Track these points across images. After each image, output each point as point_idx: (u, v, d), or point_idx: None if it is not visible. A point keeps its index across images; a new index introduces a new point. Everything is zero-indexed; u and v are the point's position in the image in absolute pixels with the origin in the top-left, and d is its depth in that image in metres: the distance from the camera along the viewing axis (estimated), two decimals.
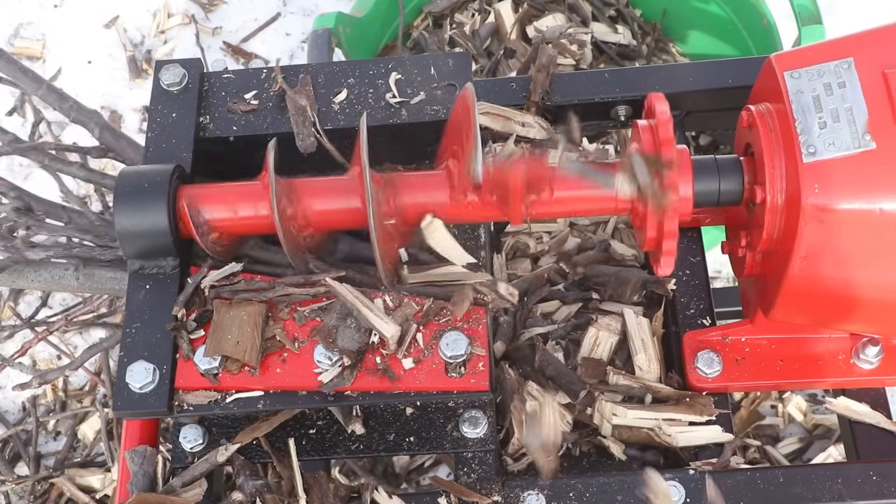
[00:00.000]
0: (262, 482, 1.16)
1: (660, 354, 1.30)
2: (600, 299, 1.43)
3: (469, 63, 1.27)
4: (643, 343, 1.30)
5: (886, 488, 1.13)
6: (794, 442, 2.25)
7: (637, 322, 1.33)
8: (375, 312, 1.07)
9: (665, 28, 2.52)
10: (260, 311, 1.11)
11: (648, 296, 1.40)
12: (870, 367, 1.20)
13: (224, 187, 1.14)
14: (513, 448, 1.28)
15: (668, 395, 1.24)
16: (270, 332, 1.10)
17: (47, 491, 2.28)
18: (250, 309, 1.11)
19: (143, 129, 2.60)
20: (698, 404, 1.21)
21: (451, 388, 1.10)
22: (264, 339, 1.10)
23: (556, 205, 1.10)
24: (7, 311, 2.55)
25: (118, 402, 1.08)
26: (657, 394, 1.25)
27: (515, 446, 1.28)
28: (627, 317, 1.34)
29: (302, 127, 1.22)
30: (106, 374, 2.37)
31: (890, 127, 0.99)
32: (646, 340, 1.31)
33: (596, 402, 1.27)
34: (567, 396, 1.27)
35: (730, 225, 1.26)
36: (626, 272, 1.41)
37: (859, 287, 1.07)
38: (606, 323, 1.35)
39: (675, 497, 1.13)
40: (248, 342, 1.08)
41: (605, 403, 1.25)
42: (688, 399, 1.22)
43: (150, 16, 3.08)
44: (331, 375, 1.08)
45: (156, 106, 1.26)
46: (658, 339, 1.32)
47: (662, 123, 1.05)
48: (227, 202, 1.11)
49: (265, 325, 1.10)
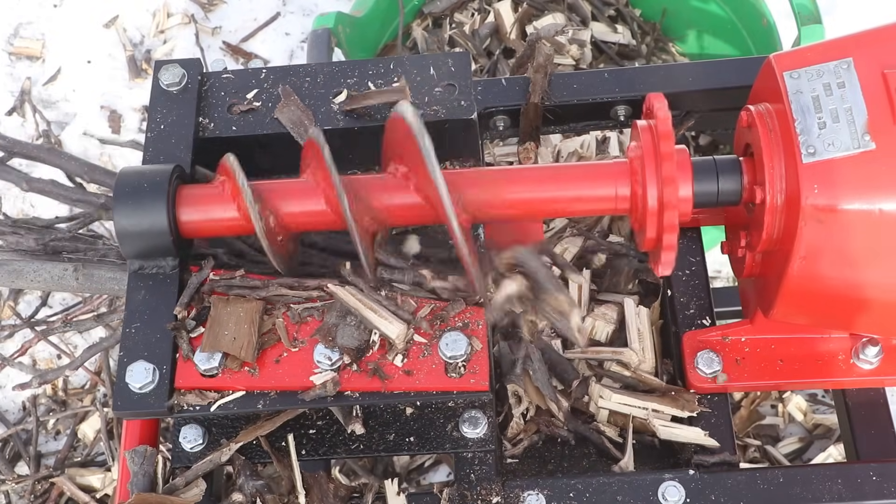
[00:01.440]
0: (262, 482, 1.16)
1: (657, 345, 1.31)
2: (597, 290, 1.44)
3: (469, 63, 1.27)
4: (640, 333, 1.31)
5: (886, 488, 1.13)
6: (794, 442, 2.25)
7: (636, 312, 1.34)
8: (379, 314, 1.08)
9: (665, 28, 2.52)
10: (257, 307, 1.11)
11: (644, 286, 1.40)
12: (870, 367, 1.20)
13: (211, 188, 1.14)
14: (512, 432, 1.29)
15: (654, 387, 1.25)
16: (266, 327, 1.11)
17: (47, 490, 2.28)
18: (247, 305, 1.11)
19: (143, 129, 2.60)
20: (682, 399, 1.22)
21: (451, 388, 1.10)
22: (261, 334, 1.10)
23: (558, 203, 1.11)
24: (7, 310, 2.55)
25: (118, 402, 1.08)
26: (644, 382, 1.26)
27: (514, 430, 1.29)
28: (627, 306, 1.35)
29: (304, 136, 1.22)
30: (106, 374, 2.37)
31: (889, 127, 1.00)
32: (643, 331, 1.32)
33: (589, 387, 1.29)
34: (561, 384, 1.28)
35: (729, 225, 1.26)
36: (619, 262, 1.42)
37: (859, 287, 1.07)
38: (602, 312, 1.36)
39: (676, 497, 1.13)
40: (244, 339, 1.09)
41: (594, 385, 1.27)
42: (672, 393, 1.23)
43: (149, 16, 3.08)
44: (323, 378, 1.08)
45: (155, 106, 1.26)
46: (656, 329, 1.32)
47: (661, 120, 1.05)
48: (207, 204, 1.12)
49: (261, 321, 1.10)
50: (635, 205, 1.10)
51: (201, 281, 1.13)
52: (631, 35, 2.47)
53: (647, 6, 2.54)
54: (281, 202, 1.10)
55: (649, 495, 1.13)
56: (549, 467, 1.29)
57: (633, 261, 1.41)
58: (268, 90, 1.27)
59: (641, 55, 2.45)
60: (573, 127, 1.43)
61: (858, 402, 1.24)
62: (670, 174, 1.03)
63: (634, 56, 2.45)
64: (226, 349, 1.08)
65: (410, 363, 1.09)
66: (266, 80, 1.28)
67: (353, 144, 1.26)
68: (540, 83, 1.35)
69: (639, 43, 2.47)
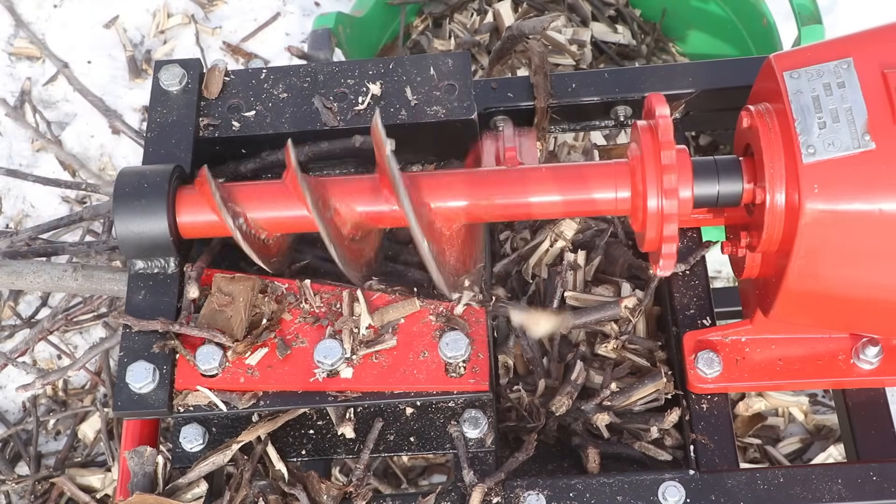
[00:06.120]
0: (265, 482, 1.16)
1: (650, 331, 1.34)
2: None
3: (468, 63, 1.27)
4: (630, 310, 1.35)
5: (886, 488, 1.13)
6: (794, 442, 2.25)
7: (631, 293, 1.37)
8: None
9: (665, 28, 2.52)
10: (254, 284, 1.13)
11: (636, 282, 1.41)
12: (870, 367, 1.20)
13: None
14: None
15: (636, 364, 1.30)
16: (260, 306, 1.12)
17: (48, 490, 2.28)
18: (246, 283, 1.12)
19: (143, 129, 2.60)
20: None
21: (451, 388, 1.10)
22: (253, 313, 1.11)
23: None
24: (7, 311, 2.55)
25: (118, 402, 1.08)
26: (624, 358, 1.32)
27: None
28: (623, 290, 1.37)
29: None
30: (106, 374, 2.37)
31: (889, 127, 0.99)
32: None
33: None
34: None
35: (729, 225, 1.26)
36: (615, 250, 1.42)
37: (859, 287, 1.07)
38: (598, 292, 1.39)
39: (676, 497, 1.13)
40: (238, 317, 1.10)
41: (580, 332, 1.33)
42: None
43: (149, 16, 3.08)
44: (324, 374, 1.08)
45: (155, 106, 1.26)
46: (653, 318, 1.35)
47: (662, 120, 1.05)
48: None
49: (255, 298, 1.13)
50: (635, 207, 1.10)
51: (197, 278, 1.14)
52: (631, 35, 2.47)
53: (647, 6, 2.54)
54: (249, 205, 1.11)
55: (649, 495, 1.13)
56: (549, 467, 1.29)
57: (628, 252, 1.42)
58: (268, 90, 1.27)
59: (641, 55, 2.45)
60: (573, 127, 1.43)
61: (858, 402, 1.24)
62: (671, 186, 1.03)
63: (634, 56, 2.45)
64: (221, 327, 1.09)
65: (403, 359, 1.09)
66: (266, 80, 1.28)
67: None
68: (542, 85, 1.35)
69: (639, 43, 2.47)
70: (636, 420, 1.27)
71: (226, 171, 1.27)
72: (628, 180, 1.09)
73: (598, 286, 1.40)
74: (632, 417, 1.28)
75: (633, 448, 1.25)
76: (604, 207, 1.12)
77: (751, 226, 1.13)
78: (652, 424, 1.25)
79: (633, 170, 1.09)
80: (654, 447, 1.24)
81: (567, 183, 1.11)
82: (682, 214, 1.06)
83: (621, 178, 1.10)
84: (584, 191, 1.11)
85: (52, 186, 1.74)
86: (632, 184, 1.09)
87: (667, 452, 1.24)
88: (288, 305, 1.15)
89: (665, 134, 1.04)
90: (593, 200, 1.11)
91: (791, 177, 1.03)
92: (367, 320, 1.12)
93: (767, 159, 1.05)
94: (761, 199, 1.06)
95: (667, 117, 1.05)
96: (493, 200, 1.11)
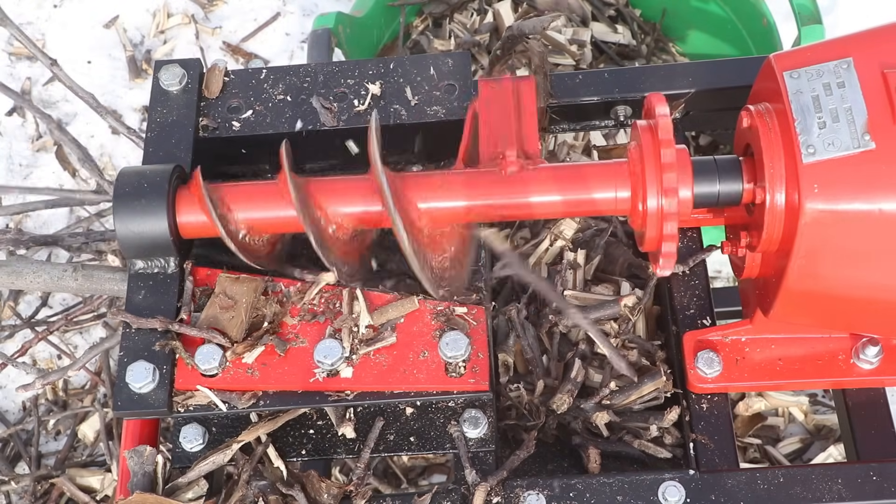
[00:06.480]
0: (265, 482, 1.16)
1: (650, 330, 1.33)
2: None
3: (468, 63, 1.27)
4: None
5: (886, 488, 1.13)
6: (794, 442, 2.25)
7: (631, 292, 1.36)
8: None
9: (665, 28, 2.52)
10: (258, 286, 1.12)
11: (636, 281, 1.41)
12: (870, 367, 1.20)
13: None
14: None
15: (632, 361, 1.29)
16: (262, 308, 1.12)
17: (48, 491, 2.28)
18: (250, 285, 1.12)
19: (143, 129, 2.60)
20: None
21: (451, 387, 1.10)
22: (254, 315, 1.11)
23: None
24: (7, 311, 2.55)
25: (118, 402, 1.08)
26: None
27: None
28: (623, 289, 1.36)
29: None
30: (106, 374, 2.37)
31: (889, 127, 0.99)
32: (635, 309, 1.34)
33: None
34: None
35: (730, 225, 1.26)
36: (614, 249, 1.42)
37: (859, 287, 1.07)
38: (598, 291, 1.38)
39: (675, 497, 1.13)
40: (239, 317, 1.10)
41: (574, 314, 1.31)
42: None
43: (149, 16, 3.08)
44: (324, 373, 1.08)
45: (155, 106, 1.26)
46: (653, 317, 1.34)
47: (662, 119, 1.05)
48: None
49: (258, 300, 1.12)
50: (635, 207, 1.10)
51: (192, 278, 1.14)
52: (631, 35, 2.47)
53: (647, 6, 2.54)
54: (239, 206, 1.11)
55: (649, 495, 1.13)
56: (549, 467, 1.29)
57: (628, 252, 1.42)
58: (268, 90, 1.27)
59: (641, 55, 2.45)
60: (573, 127, 1.43)
61: (858, 402, 1.24)
62: (671, 185, 1.03)
63: (634, 56, 2.45)
64: (222, 328, 1.09)
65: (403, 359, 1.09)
66: (266, 80, 1.28)
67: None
68: (542, 85, 1.35)
69: (639, 43, 2.47)
70: (636, 419, 1.27)
71: (227, 172, 1.27)
72: (628, 180, 1.09)
73: (597, 285, 1.40)
74: (631, 416, 1.28)
75: (633, 447, 1.26)
76: (603, 207, 1.12)
77: (751, 226, 1.13)
78: (651, 423, 1.25)
79: (632, 169, 1.09)
80: (654, 445, 1.24)
81: (567, 183, 1.11)
82: (682, 214, 1.06)
83: (621, 177, 1.10)
84: (584, 191, 1.11)
85: (53, 207, 1.74)
86: (632, 183, 1.09)
87: (666, 450, 1.24)
88: (291, 305, 1.15)
89: (665, 133, 1.04)
90: (593, 200, 1.11)
91: (791, 177, 1.03)
92: (367, 319, 1.12)
93: (767, 159, 1.05)
94: (761, 198, 1.06)
95: (666, 116, 1.05)
96: (493, 201, 1.12)
